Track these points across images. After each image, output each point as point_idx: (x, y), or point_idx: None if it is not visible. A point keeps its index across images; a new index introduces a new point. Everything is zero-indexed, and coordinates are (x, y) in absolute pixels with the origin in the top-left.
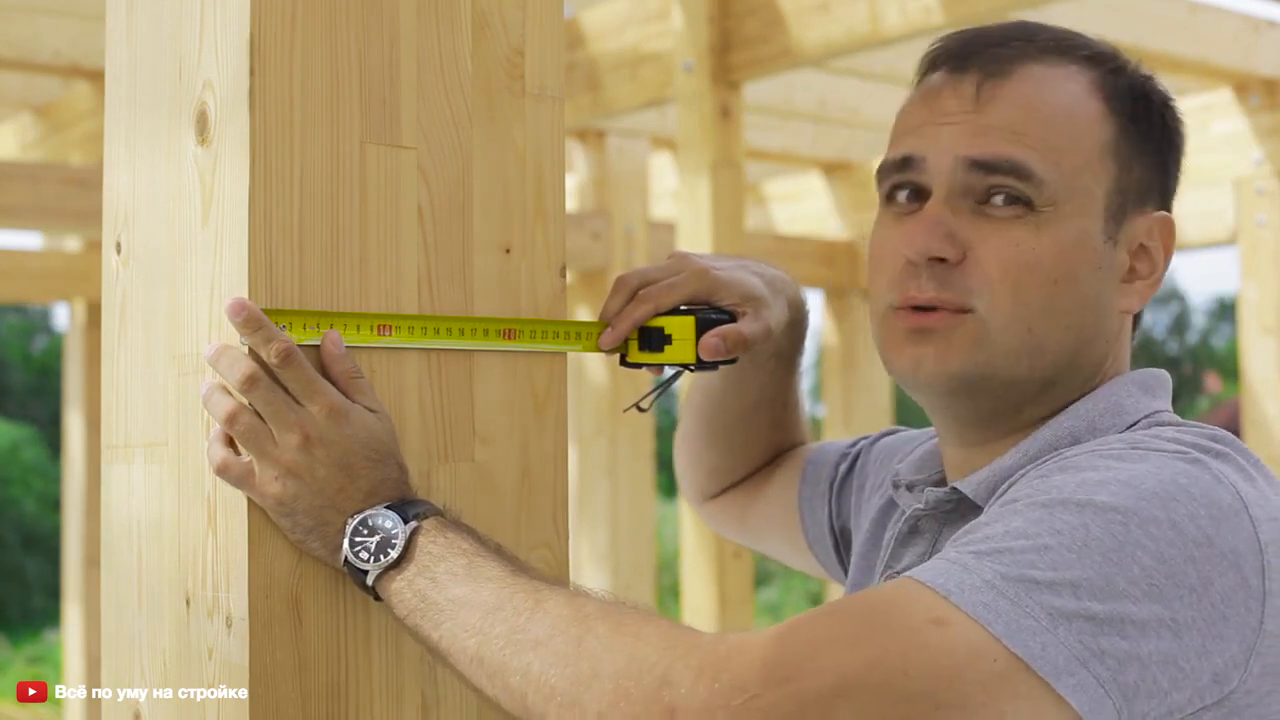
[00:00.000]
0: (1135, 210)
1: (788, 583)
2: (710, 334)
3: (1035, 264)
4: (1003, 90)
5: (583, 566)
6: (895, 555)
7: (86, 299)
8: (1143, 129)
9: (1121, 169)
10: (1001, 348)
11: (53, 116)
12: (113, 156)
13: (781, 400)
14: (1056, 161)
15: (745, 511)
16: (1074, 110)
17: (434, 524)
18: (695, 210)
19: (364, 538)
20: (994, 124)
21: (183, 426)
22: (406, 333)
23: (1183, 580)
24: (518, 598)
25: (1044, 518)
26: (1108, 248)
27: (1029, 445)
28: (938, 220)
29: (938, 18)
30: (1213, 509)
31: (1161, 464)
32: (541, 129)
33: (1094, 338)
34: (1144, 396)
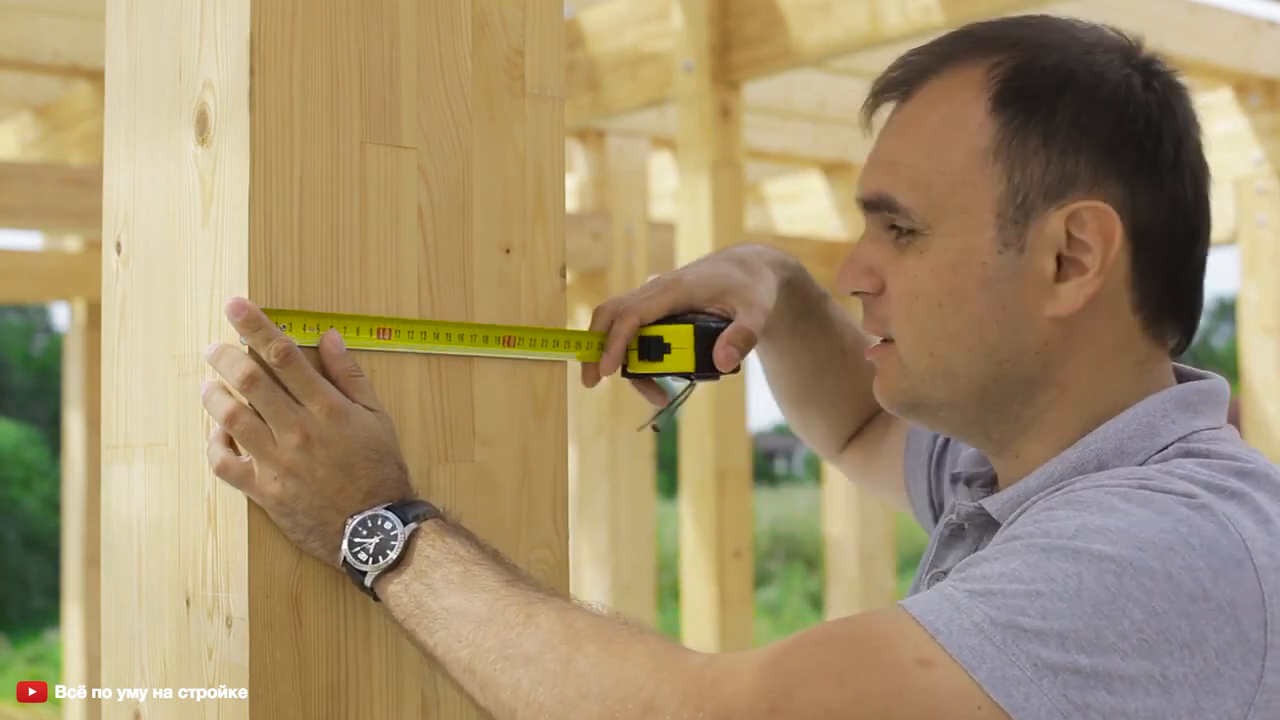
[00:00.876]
0: (1047, 207)
1: (788, 582)
2: (719, 346)
3: (920, 290)
4: (895, 118)
5: (583, 566)
6: (940, 556)
7: (86, 299)
8: (1045, 118)
9: (1013, 169)
10: (915, 374)
11: (53, 116)
12: (113, 156)
13: (837, 349)
14: (928, 184)
15: (867, 469)
16: (947, 124)
17: (433, 527)
18: (695, 210)
19: (363, 539)
20: (877, 159)
21: (183, 426)
22: (406, 337)
23: (1175, 635)
24: (510, 610)
25: (1040, 562)
26: (1005, 257)
27: (1054, 468)
28: (854, 256)
29: (938, 18)
30: (1212, 560)
31: (1165, 509)
32: (541, 129)
33: (1013, 354)
34: (1182, 415)
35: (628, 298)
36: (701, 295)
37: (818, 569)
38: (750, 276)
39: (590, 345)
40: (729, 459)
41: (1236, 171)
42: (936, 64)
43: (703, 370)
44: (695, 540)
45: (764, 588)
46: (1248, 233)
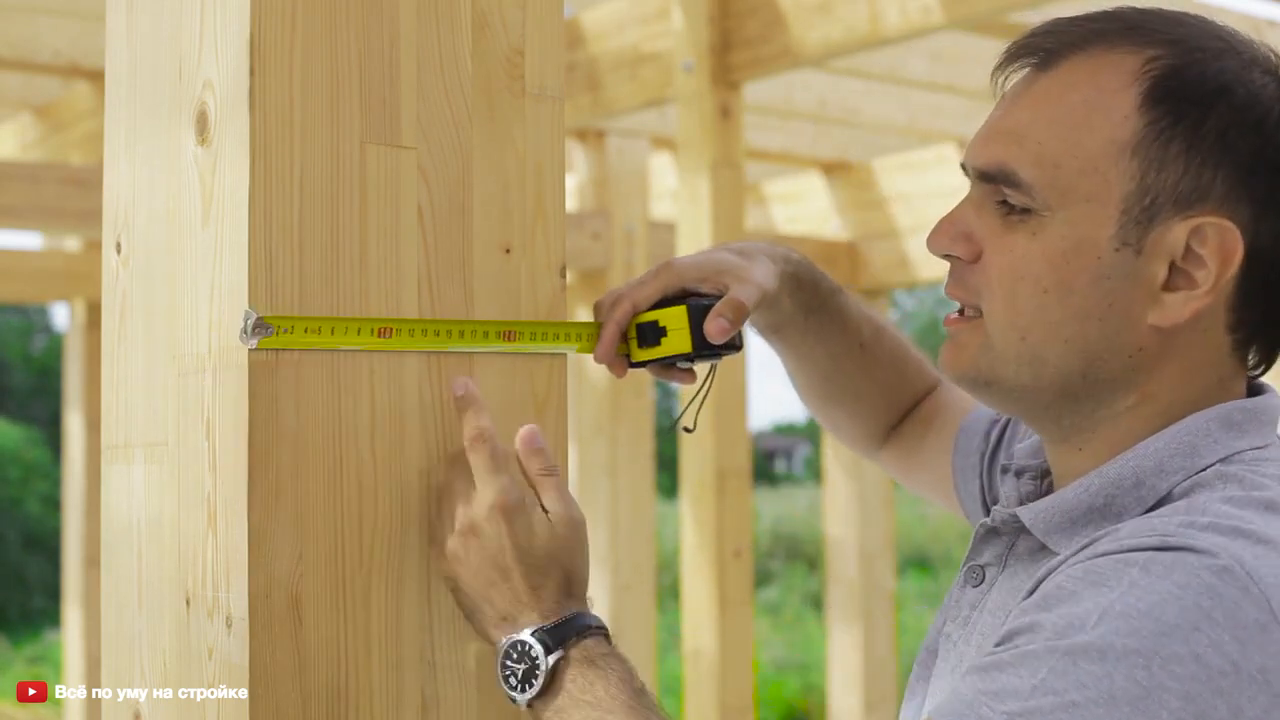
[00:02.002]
0: (1173, 215)
1: (788, 582)
2: (709, 319)
3: (1026, 272)
4: (1033, 88)
5: None
6: (977, 550)
7: (86, 299)
8: (1193, 127)
9: (1149, 170)
10: (1001, 354)
11: (53, 116)
12: (113, 156)
13: (855, 345)
14: (1055, 164)
15: (908, 468)
16: (1089, 108)
17: (580, 657)
18: (695, 210)
19: (513, 663)
20: (1004, 128)
21: (183, 426)
22: (407, 336)
23: (1213, 715)
24: None
25: (1068, 669)
26: (1122, 256)
27: (1092, 481)
28: (954, 219)
29: (938, 17)
30: (1238, 630)
31: (1186, 580)
32: (541, 129)
33: (1107, 354)
34: (1225, 434)
35: (623, 286)
36: (692, 275)
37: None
38: (746, 260)
39: (590, 337)
40: (729, 459)
41: None
42: (1086, 41)
43: (701, 349)
44: (695, 540)
45: (764, 588)
46: None
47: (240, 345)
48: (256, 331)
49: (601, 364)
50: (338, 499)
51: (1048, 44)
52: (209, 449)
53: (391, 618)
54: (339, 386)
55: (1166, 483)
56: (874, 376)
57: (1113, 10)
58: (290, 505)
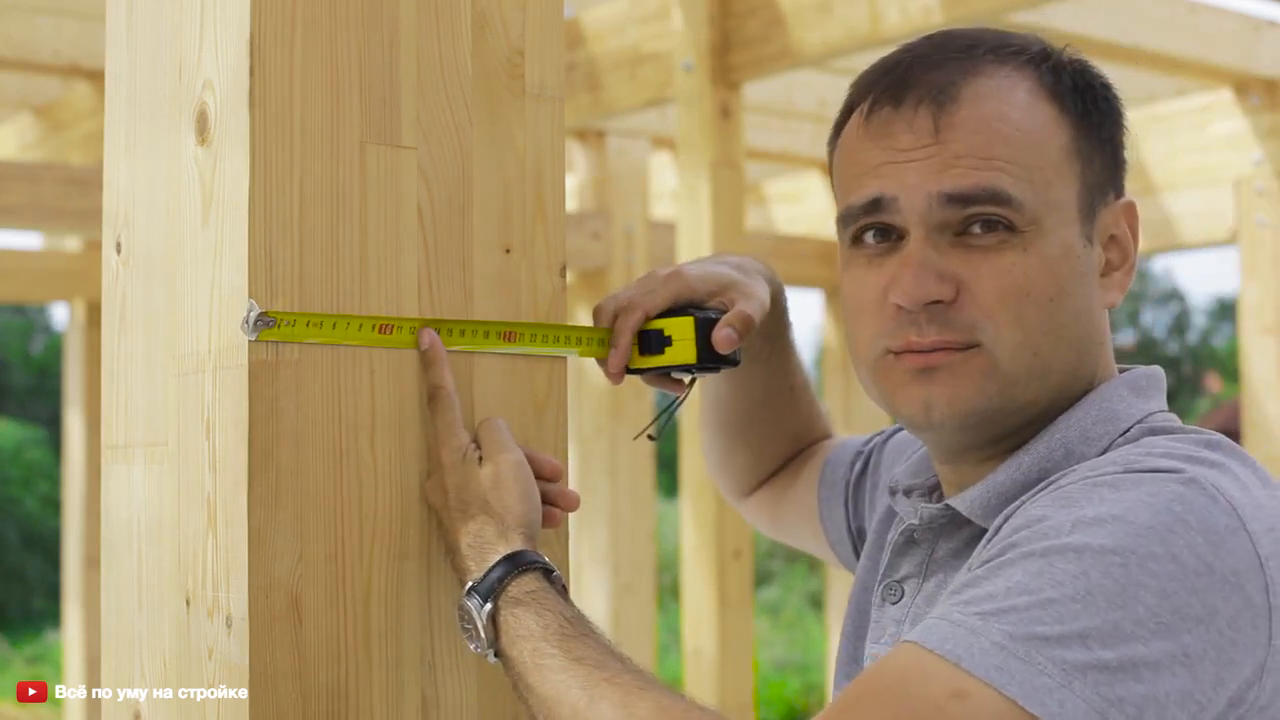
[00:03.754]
0: (1101, 204)
1: (788, 582)
2: (718, 329)
3: (1029, 286)
4: (956, 116)
5: (583, 566)
6: (893, 565)
7: (86, 299)
8: (1094, 120)
9: (1085, 167)
10: (1011, 376)
11: (53, 116)
12: (113, 156)
13: (787, 386)
14: (1029, 178)
15: (776, 510)
16: (1030, 120)
17: (508, 601)
18: (695, 210)
19: (466, 625)
20: (960, 153)
21: (183, 426)
22: (409, 333)
23: (1189, 613)
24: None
25: (1044, 569)
26: (1088, 250)
27: (1022, 458)
28: (924, 263)
29: (938, 18)
30: (1210, 534)
31: (1156, 490)
32: (541, 129)
33: (1090, 345)
34: (1135, 399)
35: (628, 293)
36: (701, 289)
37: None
38: (747, 278)
39: (591, 341)
40: None
41: (1236, 171)
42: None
43: (704, 361)
44: (695, 540)
45: (764, 587)
46: (1248, 233)
47: (240, 345)
48: (259, 324)
49: (612, 372)
50: (338, 499)
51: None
52: (209, 449)
53: (391, 618)
54: (339, 386)
55: (1095, 448)
56: (788, 422)
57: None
58: (290, 505)
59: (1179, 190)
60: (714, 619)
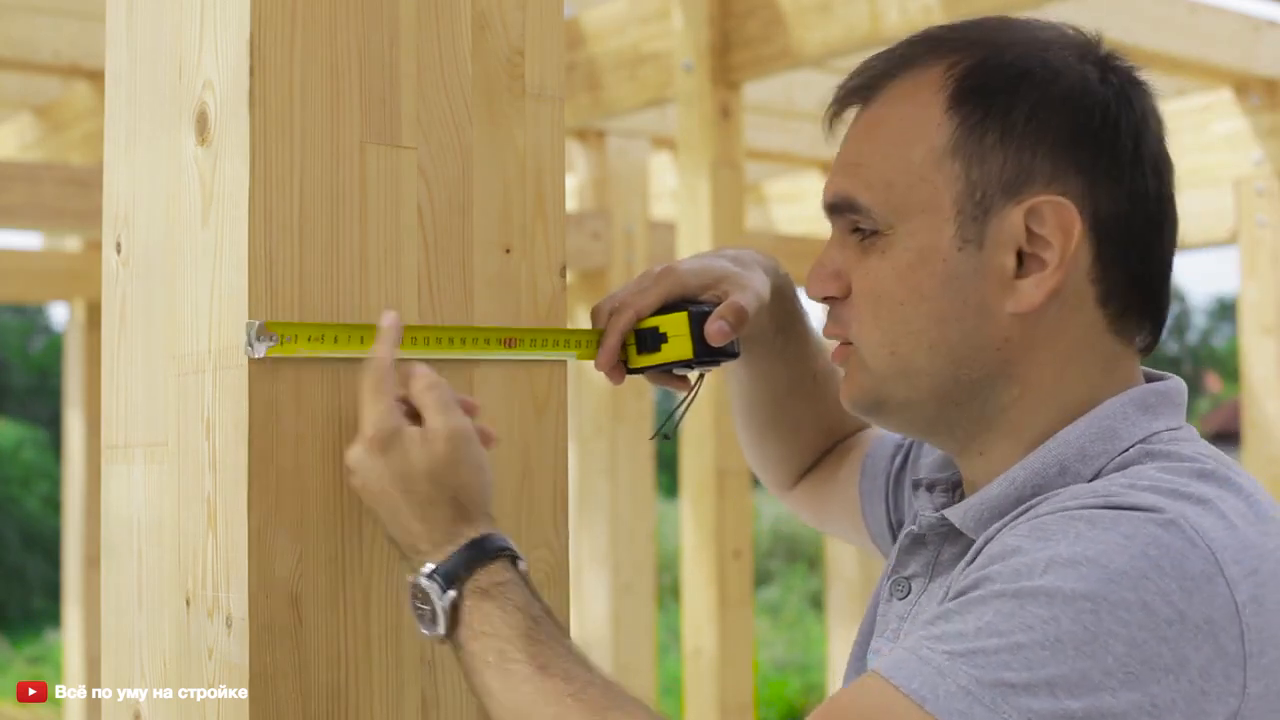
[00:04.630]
0: (1006, 203)
1: (788, 582)
2: (709, 322)
3: (880, 289)
4: (859, 121)
5: (583, 566)
6: (901, 561)
7: (86, 299)
8: (1002, 115)
9: (971, 166)
10: (877, 373)
11: (53, 116)
12: (113, 156)
13: (809, 374)
14: (888, 183)
15: (820, 503)
16: (905, 124)
17: (474, 591)
18: (695, 210)
19: (420, 606)
20: (843, 160)
21: (183, 426)
22: (409, 342)
23: (1158, 663)
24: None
25: (1015, 611)
26: (965, 254)
27: (1016, 474)
28: (823, 262)
29: (937, 18)
30: (1184, 581)
31: (1133, 532)
32: (541, 129)
33: (973, 351)
34: (1142, 417)
35: (621, 293)
36: (695, 283)
37: (818, 569)
38: (743, 269)
39: (590, 344)
40: (729, 459)
41: (1236, 171)
42: (895, 67)
43: (701, 355)
44: (695, 540)
45: (765, 587)
46: (1248, 233)
47: (240, 345)
48: (261, 340)
49: (601, 371)
50: (338, 499)
51: (867, 81)
52: (209, 449)
53: (391, 618)
54: (339, 386)
55: (1091, 467)
56: (818, 410)
57: (917, 34)
58: (290, 505)
59: (1179, 190)
60: (714, 619)
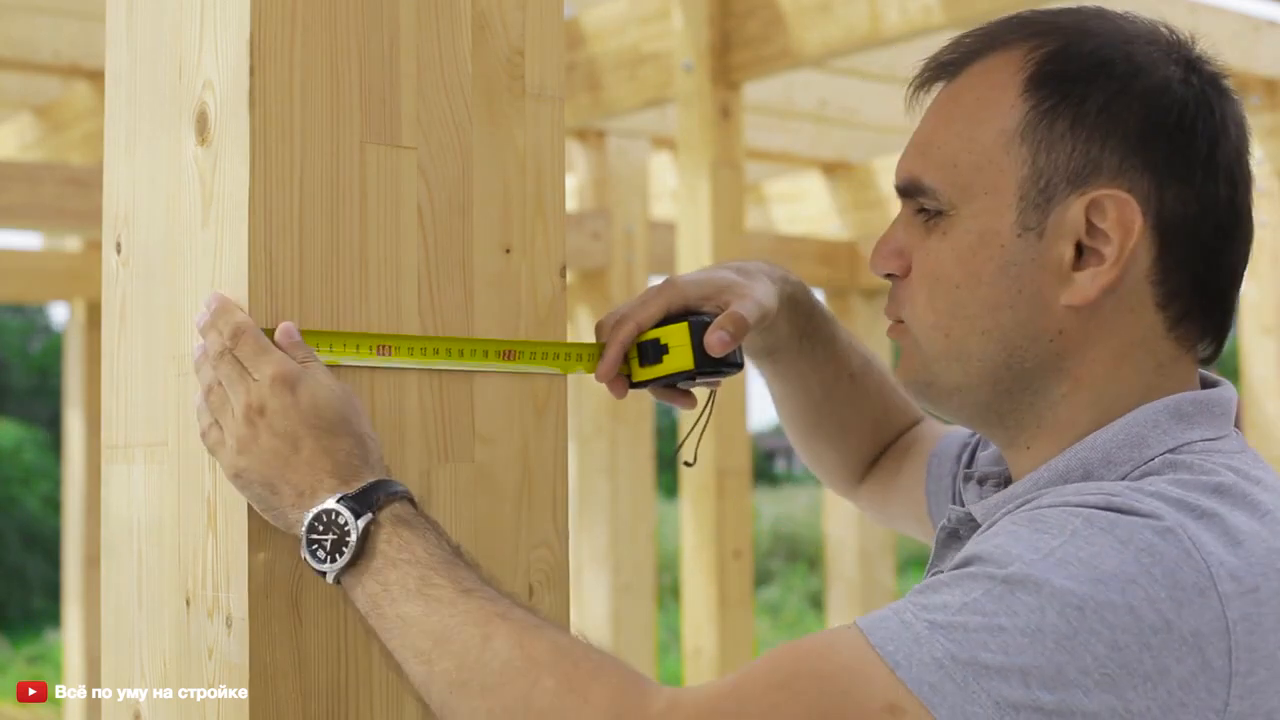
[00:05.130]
0: (1069, 193)
1: (788, 582)
2: (709, 332)
3: (939, 270)
4: (938, 100)
5: (583, 566)
6: (939, 556)
7: (86, 299)
8: (1076, 104)
9: (1038, 152)
10: (929, 355)
11: (53, 116)
12: (113, 156)
13: (845, 375)
14: (954, 164)
15: (884, 502)
16: (979, 105)
17: (390, 517)
18: (695, 210)
19: (319, 535)
20: (914, 143)
21: (183, 426)
22: (406, 353)
23: (1137, 669)
24: (467, 629)
25: (1003, 595)
26: (1025, 241)
27: (1041, 474)
28: (887, 239)
29: (938, 18)
30: (1175, 590)
31: (1129, 535)
32: (541, 129)
33: (1026, 340)
34: (1175, 425)
35: (623, 306)
36: (695, 294)
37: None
38: (747, 279)
39: (592, 357)
40: (729, 459)
41: None
42: (983, 46)
43: (703, 366)
44: (695, 540)
45: (765, 587)
46: None
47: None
48: None
49: (602, 383)
50: None
51: (955, 58)
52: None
53: None
54: None
55: (1114, 474)
56: (860, 409)
57: (1009, 15)
58: None
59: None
60: (714, 619)
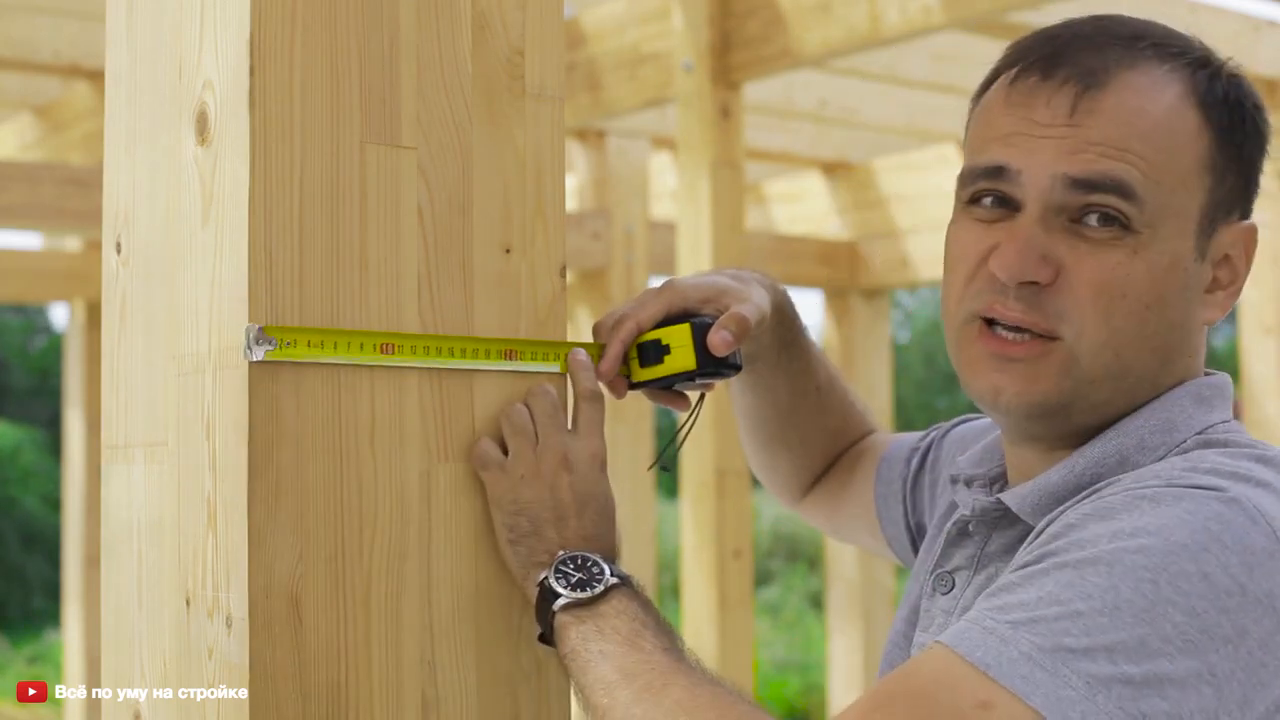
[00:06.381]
0: (1224, 222)
1: (789, 582)
2: (713, 332)
3: (1128, 289)
4: (1100, 102)
5: None
6: (946, 555)
7: (86, 299)
8: (1236, 137)
9: (1216, 182)
10: (1088, 374)
11: (53, 116)
12: (113, 156)
13: (813, 387)
14: (1158, 179)
15: (833, 511)
16: (1173, 123)
17: (630, 588)
18: (695, 210)
19: (568, 570)
20: (1094, 140)
21: (183, 426)
22: (409, 352)
23: (1217, 632)
24: (653, 674)
25: (1075, 580)
26: (1197, 267)
27: (1076, 461)
28: (1030, 242)
29: (938, 18)
30: (1245, 554)
31: (1195, 508)
32: (541, 129)
33: (1177, 355)
34: (1198, 409)
35: (622, 307)
36: (695, 296)
37: (818, 569)
38: (743, 284)
39: (593, 356)
40: (729, 459)
41: None
42: (1129, 57)
43: (705, 366)
44: (695, 540)
45: (765, 587)
46: None
47: (240, 345)
48: (260, 344)
49: (602, 383)
50: (338, 499)
51: (1089, 62)
52: (209, 449)
53: (391, 618)
54: (339, 386)
55: (1150, 458)
56: (822, 422)
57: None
58: (290, 505)
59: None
60: (714, 619)
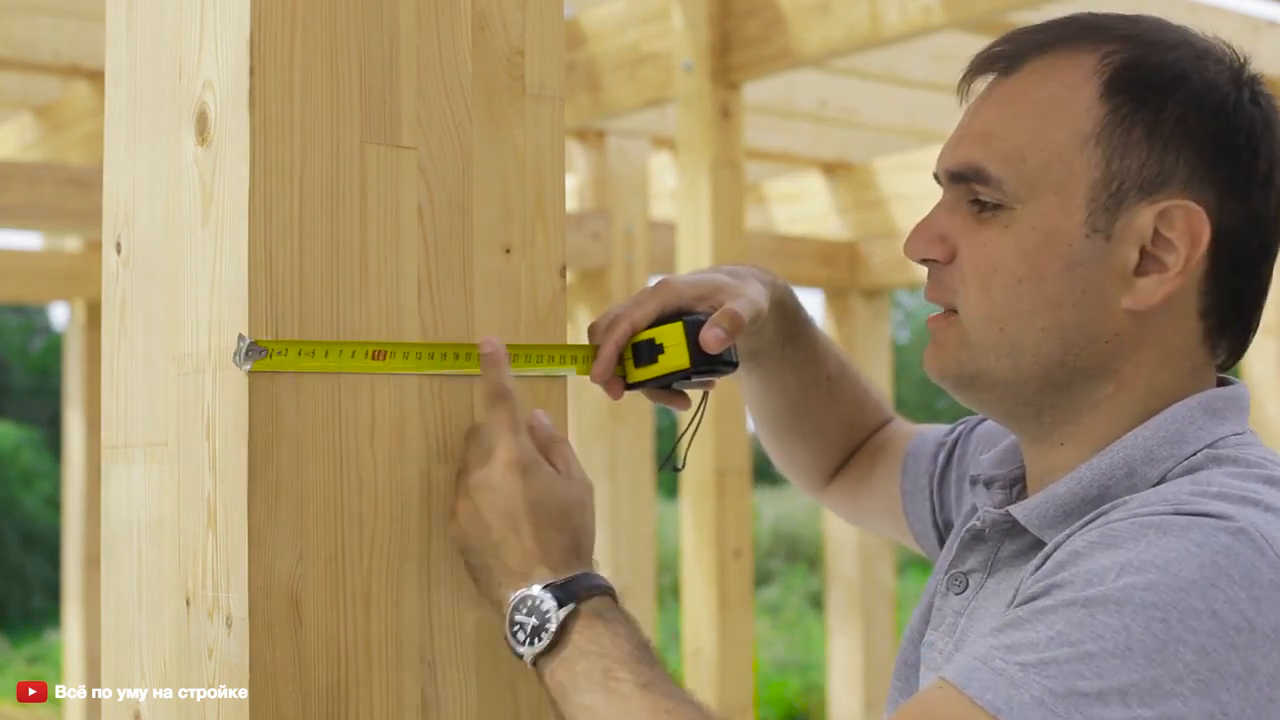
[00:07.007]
0: (1140, 200)
1: (788, 582)
2: (705, 329)
3: (1000, 263)
4: (998, 91)
5: None
6: (960, 557)
7: (86, 299)
8: (1153, 113)
9: (1113, 156)
10: (980, 347)
11: (53, 116)
12: (113, 156)
13: (823, 378)
14: (1022, 158)
15: (855, 501)
16: (1052, 102)
17: (589, 610)
18: (695, 210)
19: (523, 617)
20: (973, 130)
21: (183, 426)
22: (401, 359)
23: (1227, 670)
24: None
25: (1085, 620)
26: (1092, 243)
27: (1083, 473)
28: (929, 223)
29: (938, 18)
30: (1253, 589)
31: (1203, 540)
32: (541, 129)
33: (1083, 340)
34: (1209, 421)
35: (616, 308)
36: (690, 294)
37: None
38: (739, 281)
39: (588, 359)
40: (729, 459)
41: None
42: (1048, 43)
43: (699, 364)
44: (695, 540)
45: (765, 587)
46: None
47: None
48: (250, 355)
49: (598, 384)
50: (338, 499)
51: (1010, 51)
52: (209, 449)
53: (391, 618)
54: (339, 386)
55: (1158, 470)
56: (836, 411)
57: (1070, 16)
58: (290, 505)
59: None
60: (714, 619)
